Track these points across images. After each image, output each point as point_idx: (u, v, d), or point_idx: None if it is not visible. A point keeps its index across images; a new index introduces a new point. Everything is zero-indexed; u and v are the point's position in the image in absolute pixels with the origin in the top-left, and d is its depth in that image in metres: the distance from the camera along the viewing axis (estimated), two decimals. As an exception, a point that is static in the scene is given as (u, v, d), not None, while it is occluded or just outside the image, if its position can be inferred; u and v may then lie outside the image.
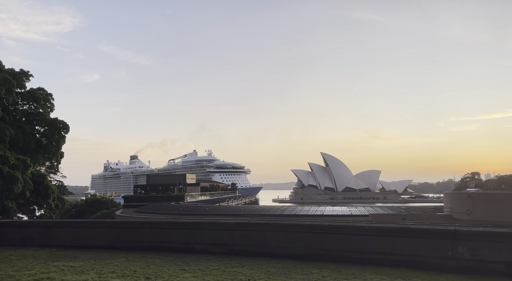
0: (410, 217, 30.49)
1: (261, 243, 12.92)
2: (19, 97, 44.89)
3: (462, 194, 32.67)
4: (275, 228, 13.18)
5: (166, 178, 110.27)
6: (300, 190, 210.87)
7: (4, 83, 39.92)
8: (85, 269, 10.38)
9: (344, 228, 12.30)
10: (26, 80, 45.24)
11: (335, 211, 41.95)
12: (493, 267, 9.86)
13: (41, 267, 10.73)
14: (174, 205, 61.50)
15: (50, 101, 47.01)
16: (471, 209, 25.96)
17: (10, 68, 44.41)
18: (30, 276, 9.37)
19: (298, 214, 38.86)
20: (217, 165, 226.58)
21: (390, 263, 10.80)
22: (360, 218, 33.61)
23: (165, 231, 14.76)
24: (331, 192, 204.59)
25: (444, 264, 10.35)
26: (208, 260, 11.69)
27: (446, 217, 29.23)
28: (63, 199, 50.50)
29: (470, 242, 10.28)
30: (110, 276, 9.43)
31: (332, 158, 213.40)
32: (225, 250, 13.00)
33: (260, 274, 9.61)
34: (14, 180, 35.66)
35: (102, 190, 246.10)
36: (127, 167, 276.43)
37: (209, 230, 13.98)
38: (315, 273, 9.85)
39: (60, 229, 16.55)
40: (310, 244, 12.23)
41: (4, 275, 9.55)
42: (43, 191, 43.96)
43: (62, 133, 46.31)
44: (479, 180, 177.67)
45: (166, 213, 44.00)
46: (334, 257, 11.55)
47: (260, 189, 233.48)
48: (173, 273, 9.81)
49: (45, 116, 45.78)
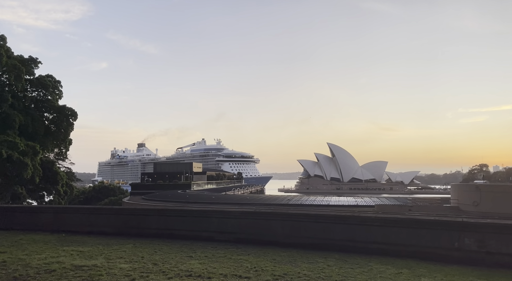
0: (416, 208, 30.44)
1: (267, 232, 13.01)
2: (28, 84, 45.18)
3: (470, 186, 32.46)
4: (281, 217, 13.24)
5: (173, 166, 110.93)
6: (306, 180, 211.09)
7: (13, 70, 40.16)
8: (94, 254, 10.55)
9: (350, 218, 12.31)
10: (35, 67, 45.47)
11: (341, 201, 42.01)
12: (500, 259, 9.84)
13: (51, 251, 10.91)
14: (181, 193, 61.98)
15: (58, 88, 47.29)
16: (479, 201, 25.84)
17: (19, 54, 44.62)
18: (40, 260, 9.54)
19: (304, 204, 38.97)
20: (226, 154, 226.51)
21: (396, 254, 10.83)
22: (366, 209, 33.61)
23: (172, 218, 14.90)
24: (337, 182, 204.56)
25: (450, 255, 10.35)
26: (215, 248, 11.80)
27: (453, 208, 29.13)
28: (72, 185, 51.14)
29: (477, 233, 10.25)
30: (119, 261, 9.57)
31: (339, 149, 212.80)
32: (231, 238, 13.12)
33: (266, 262, 9.68)
34: (24, 166, 36.11)
35: (109, 178, 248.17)
36: (135, 154, 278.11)
37: (216, 218, 14.08)
38: (320, 262, 9.91)
39: (69, 215, 16.78)
40: (316, 233, 12.28)
41: (15, 259, 9.74)
42: (52, 177, 44.51)
43: (70, 120, 46.70)
44: (487, 172, 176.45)
45: (173, 201, 44.34)
46: (339, 247, 11.60)
47: (269, 178, 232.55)
48: (180, 259, 9.93)
49: (54, 103, 46.10)
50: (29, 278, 7.78)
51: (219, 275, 8.16)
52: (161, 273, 8.34)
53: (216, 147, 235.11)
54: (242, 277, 8.11)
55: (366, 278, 8.22)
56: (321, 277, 8.22)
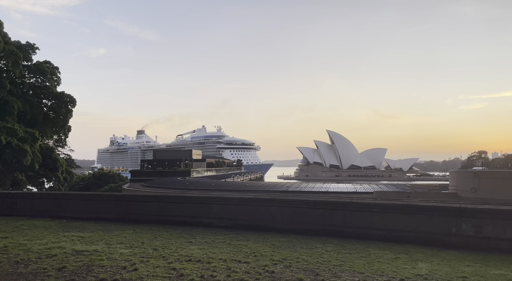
0: (415, 195, 30.58)
1: (266, 218, 13.10)
2: (26, 70, 44.85)
3: (468, 172, 32.57)
4: (280, 204, 13.32)
5: (172, 153, 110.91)
6: (305, 167, 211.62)
7: (11, 56, 39.80)
8: (94, 239, 10.63)
9: (349, 204, 12.39)
10: (32, 53, 45.05)
11: (339, 188, 42.13)
12: (497, 244, 9.95)
13: (51, 237, 11.00)
14: (181, 180, 62.13)
15: (56, 75, 46.97)
16: (477, 187, 25.98)
17: (16, 40, 44.17)
18: (42, 245, 9.62)
19: (303, 191, 39.12)
20: (227, 141, 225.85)
21: (394, 239, 10.94)
22: (365, 195, 33.76)
23: (172, 205, 14.98)
24: (336, 169, 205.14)
25: (448, 240, 10.46)
26: (214, 234, 11.90)
27: (451, 195, 29.29)
28: (71, 172, 51.30)
29: (474, 219, 10.34)
30: (119, 246, 9.66)
31: (338, 136, 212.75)
32: (231, 224, 13.22)
33: (265, 248, 9.78)
34: (23, 152, 36.13)
35: (109, 164, 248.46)
36: (134, 141, 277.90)
37: (215, 205, 14.16)
38: (319, 247, 10.01)
39: (69, 201, 16.86)
40: (315, 219, 12.37)
41: (16, 244, 9.82)
42: (51, 164, 44.61)
43: (69, 107, 46.53)
44: (486, 158, 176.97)
45: (173, 188, 44.48)
46: (338, 233, 11.71)
47: (270, 165, 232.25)
48: (180, 245, 10.02)
49: (52, 90, 45.86)
50: (30, 263, 7.85)
51: (218, 260, 8.25)
52: (161, 258, 8.42)
53: (217, 134, 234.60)
54: (241, 262, 8.19)
55: (363, 263, 8.31)
56: (319, 262, 8.31)
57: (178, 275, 7.06)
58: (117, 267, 7.55)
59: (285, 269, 7.69)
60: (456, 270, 7.86)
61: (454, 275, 7.50)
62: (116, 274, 7.01)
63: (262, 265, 7.94)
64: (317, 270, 7.62)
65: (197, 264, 7.87)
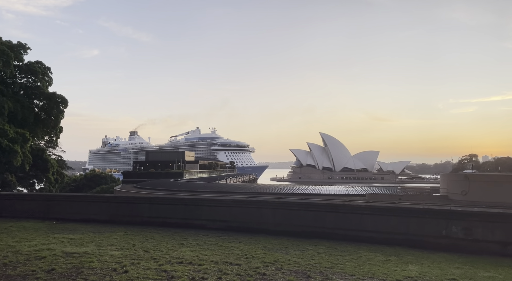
0: (406, 197, 30.67)
1: (258, 220, 13.09)
2: (17, 70, 44.41)
3: (459, 175, 32.81)
4: (273, 206, 13.32)
5: (165, 155, 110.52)
6: (298, 170, 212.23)
7: (2, 56, 39.39)
8: (85, 241, 10.55)
9: (341, 206, 12.43)
10: (24, 53, 44.63)
11: (332, 190, 42.22)
12: (486, 246, 10.05)
13: (41, 238, 10.89)
14: (173, 181, 61.84)
15: (48, 75, 46.55)
16: (467, 190, 26.18)
17: (7, 40, 43.73)
18: (31, 247, 9.52)
19: (296, 193, 39.14)
20: (221, 143, 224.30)
21: (385, 242, 10.99)
22: (357, 198, 33.85)
23: (164, 206, 14.91)
24: (329, 172, 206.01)
25: (438, 243, 10.54)
26: (206, 236, 11.86)
27: (442, 197, 29.47)
28: (63, 173, 50.80)
29: (464, 222, 10.44)
30: (110, 248, 9.59)
31: (331, 138, 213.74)
32: (223, 226, 13.18)
33: (256, 250, 9.77)
34: (13, 153, 35.73)
35: (101, 166, 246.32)
36: (127, 143, 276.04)
37: (208, 207, 14.13)
38: (310, 249, 10.03)
39: (60, 203, 16.70)
40: (307, 222, 12.39)
41: (5, 245, 9.70)
42: (42, 165, 44.16)
43: (60, 108, 46.10)
44: (476, 162, 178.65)
45: (165, 189, 44.21)
46: (330, 235, 11.74)
47: (265, 168, 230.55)
48: (171, 247, 9.97)
49: (44, 90, 45.44)
50: (19, 265, 7.77)
51: (210, 262, 8.22)
52: (152, 260, 8.37)
53: (211, 136, 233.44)
54: (233, 264, 8.18)
55: (354, 265, 8.35)
56: (311, 264, 8.33)
57: (169, 277, 7.03)
58: (107, 269, 7.50)
59: (276, 271, 7.69)
60: (445, 272, 7.93)
61: (444, 277, 7.57)
62: (106, 276, 6.96)
63: (254, 267, 7.94)
64: (308, 272, 7.64)
65: (188, 266, 7.84)
